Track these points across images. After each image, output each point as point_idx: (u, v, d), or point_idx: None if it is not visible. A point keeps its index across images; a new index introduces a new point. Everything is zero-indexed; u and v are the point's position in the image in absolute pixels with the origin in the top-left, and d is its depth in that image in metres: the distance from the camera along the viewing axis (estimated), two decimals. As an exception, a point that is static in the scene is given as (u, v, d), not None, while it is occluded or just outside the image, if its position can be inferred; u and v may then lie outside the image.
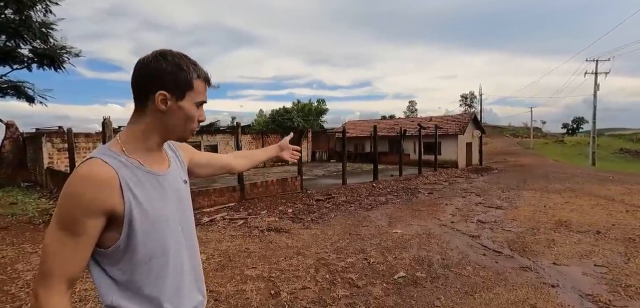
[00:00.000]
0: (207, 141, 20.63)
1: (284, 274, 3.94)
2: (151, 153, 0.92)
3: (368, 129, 25.36)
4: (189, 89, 0.89)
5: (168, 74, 0.85)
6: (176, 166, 1.02)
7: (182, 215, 0.97)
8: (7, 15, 14.99)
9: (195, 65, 0.91)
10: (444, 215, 7.10)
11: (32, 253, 4.56)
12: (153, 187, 0.89)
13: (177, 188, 0.98)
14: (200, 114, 0.94)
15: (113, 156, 0.84)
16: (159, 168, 0.94)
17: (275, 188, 9.78)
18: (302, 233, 5.78)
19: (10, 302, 3.14)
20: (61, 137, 14.54)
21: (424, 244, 5.04)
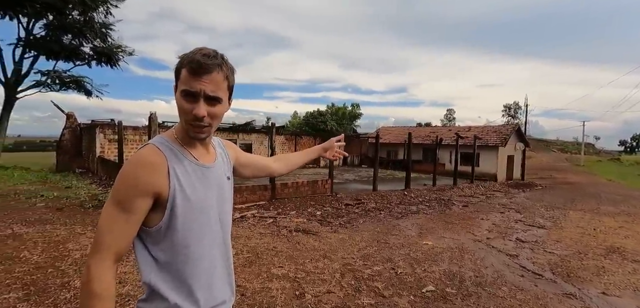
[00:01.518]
0: (242, 139, 21.30)
1: (310, 276, 3.96)
2: (197, 145, 0.97)
3: (402, 135, 24.81)
4: (177, 78, 0.90)
5: (176, 66, 0.91)
6: (222, 162, 1.07)
7: (222, 210, 1.01)
8: (73, 16, 16.55)
9: (189, 55, 0.88)
10: (479, 230, 6.74)
11: (81, 234, 4.97)
12: (198, 177, 0.94)
13: (221, 183, 1.02)
14: (193, 106, 0.87)
15: (166, 144, 0.91)
16: (205, 160, 0.98)
17: (305, 189, 9.86)
18: (329, 236, 5.77)
19: (59, 277, 3.44)
20: (112, 129, 15.76)
21: (455, 259, 4.82)
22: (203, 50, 0.89)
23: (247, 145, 21.61)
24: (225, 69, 0.91)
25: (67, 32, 17.02)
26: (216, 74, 0.88)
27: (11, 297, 2.94)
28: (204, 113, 0.88)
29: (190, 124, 0.90)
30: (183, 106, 0.89)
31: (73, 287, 3.19)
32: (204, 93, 0.87)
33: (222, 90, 0.91)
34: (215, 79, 0.88)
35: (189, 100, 0.87)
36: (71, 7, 15.66)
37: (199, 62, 0.86)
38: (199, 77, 0.86)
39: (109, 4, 16.88)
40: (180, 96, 0.89)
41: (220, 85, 0.90)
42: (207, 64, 0.86)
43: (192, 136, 0.93)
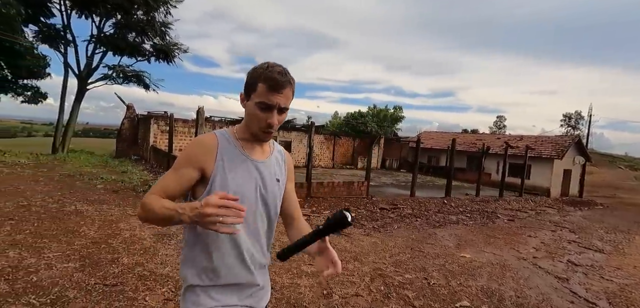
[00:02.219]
0: (282, 137, 21.80)
1: (339, 277, 3.94)
2: (253, 142, 1.13)
3: (445, 141, 23.75)
4: (252, 90, 1.04)
5: (247, 78, 1.07)
6: (275, 164, 1.18)
7: (263, 204, 1.12)
8: (138, 16, 18.13)
9: (266, 70, 1.02)
10: (525, 247, 6.25)
11: (131, 216, 5.42)
12: (243, 169, 1.08)
13: (267, 180, 1.12)
14: (268, 116, 1.02)
15: (223, 134, 1.11)
16: (256, 157, 1.12)
17: (340, 190, 9.84)
18: (361, 239, 5.70)
19: (111, 253, 3.79)
20: (165, 121, 16.98)
21: (495, 276, 4.51)
22: (277, 69, 1.02)
23: (287, 142, 22.06)
24: (293, 84, 1.06)
25: (132, 31, 18.68)
26: (288, 90, 1.04)
27: (69, 266, 3.29)
28: (276, 122, 1.04)
29: (262, 130, 1.06)
30: (258, 115, 1.04)
31: (121, 263, 3.50)
32: (279, 106, 1.03)
33: (290, 102, 1.08)
34: (287, 94, 1.04)
35: (265, 111, 1.02)
36: (136, 7, 17.14)
37: (277, 80, 1.00)
38: (276, 92, 1.01)
39: (169, 4, 18.22)
40: (256, 107, 1.03)
41: (289, 98, 1.06)
42: (283, 81, 1.01)
43: (262, 139, 1.10)
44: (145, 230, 4.69)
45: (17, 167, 9.15)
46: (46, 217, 4.81)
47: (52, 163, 11.17)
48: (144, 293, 2.95)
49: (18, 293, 2.68)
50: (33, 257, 3.40)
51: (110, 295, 2.85)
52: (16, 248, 3.55)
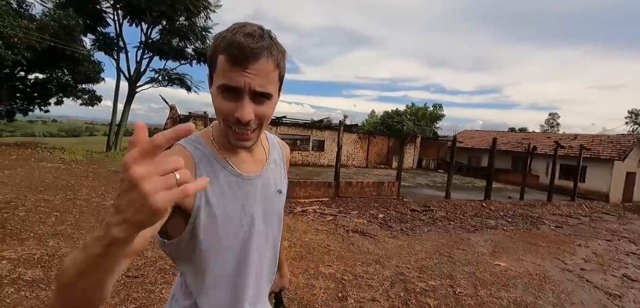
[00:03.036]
0: (315, 136, 21.89)
1: (357, 280, 3.81)
2: (239, 150, 0.78)
3: (487, 140, 22.37)
4: (213, 69, 0.68)
5: (210, 49, 0.70)
6: (274, 168, 0.86)
7: (265, 232, 0.82)
8: (180, 22, 19.29)
9: (228, 35, 0.65)
10: (573, 257, 5.63)
11: (164, 211, 5.70)
12: (233, 191, 0.75)
13: (267, 197, 0.82)
14: (237, 108, 0.66)
15: (196, 145, 0.74)
16: (248, 169, 0.79)
17: (370, 190, 9.62)
18: (387, 241, 5.50)
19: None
20: (203, 121, 17.81)
21: (533, 287, 4.10)
22: (245, 28, 0.65)
23: (320, 141, 22.12)
24: (275, 53, 0.67)
25: (175, 36, 19.91)
26: (265, 62, 0.65)
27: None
28: (250, 116, 0.67)
29: (230, 127, 0.70)
30: (221, 106, 0.68)
31: (144, 256, 3.67)
32: (250, 88, 0.65)
33: (273, 83, 0.69)
34: (263, 68, 0.65)
35: (229, 97, 0.67)
36: (179, 14, 18.25)
37: (241, 45, 0.63)
38: (243, 68, 0.64)
39: (209, 9, 19.17)
40: (218, 92, 0.67)
41: (271, 76, 0.67)
42: (253, 47, 0.63)
43: (233, 144, 0.72)
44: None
45: (73, 164, 10.09)
46: (87, 210, 5.22)
47: (103, 160, 12.18)
48: (162, 286, 3.06)
49: (49, 280, 2.91)
50: (69, 246, 3.68)
51: (130, 286, 2.99)
52: (56, 238, 3.87)
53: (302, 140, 21.75)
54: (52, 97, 18.29)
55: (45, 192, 6.00)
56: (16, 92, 17.31)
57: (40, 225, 4.24)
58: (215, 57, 0.67)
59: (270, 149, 0.88)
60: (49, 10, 15.56)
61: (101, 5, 18.67)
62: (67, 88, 18.22)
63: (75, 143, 26.68)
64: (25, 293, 2.64)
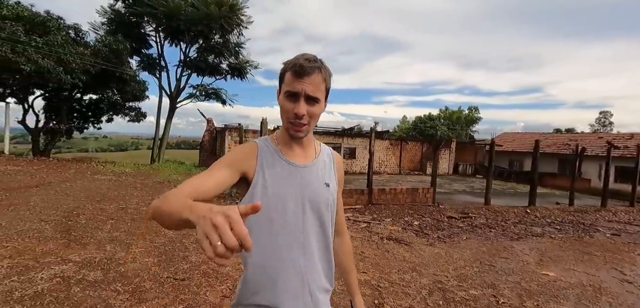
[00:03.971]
0: (346, 143, 21.88)
1: (393, 287, 3.78)
2: (293, 145, 1.05)
3: (529, 143, 21.08)
4: (282, 82, 1.00)
5: (281, 71, 1.01)
6: (323, 167, 1.09)
7: (308, 210, 1.01)
8: (215, 40, 20.34)
9: (293, 60, 0.97)
10: (633, 268, 5.15)
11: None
12: (284, 175, 1.01)
13: (311, 182, 1.03)
14: (295, 106, 0.95)
15: (263, 140, 1.07)
16: (298, 160, 1.05)
17: (404, 197, 9.44)
18: (423, 249, 5.37)
19: (182, 251, 4.25)
20: (237, 132, 18.50)
21: (586, 299, 3.81)
22: (305, 55, 0.98)
23: (351, 149, 22.06)
24: (323, 72, 0.98)
25: (211, 53, 21.01)
26: (316, 76, 0.96)
27: (149, 261, 3.80)
28: (303, 111, 0.96)
29: (290, 122, 0.99)
30: (285, 106, 0.98)
31: (189, 261, 3.90)
32: (305, 93, 0.95)
33: (321, 91, 0.98)
34: (315, 81, 0.96)
35: (291, 100, 0.96)
36: (214, 32, 19.26)
37: (302, 65, 0.94)
38: (301, 78, 0.95)
39: (241, 26, 20.05)
40: (284, 97, 0.98)
41: (319, 87, 0.97)
42: (309, 67, 0.95)
43: (292, 134, 1.00)
44: (213, 232, 5.14)
45: (122, 176, 10.92)
46: (138, 218, 5.63)
47: (149, 172, 13.05)
48: (206, 289, 3.24)
49: (108, 280, 3.19)
50: (123, 251, 4.01)
51: (178, 288, 3.20)
52: (112, 243, 4.23)
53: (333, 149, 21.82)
54: (104, 115, 19.96)
55: (101, 201, 6.57)
56: (74, 112, 19.11)
57: (98, 231, 4.66)
58: (283, 75, 0.99)
59: (320, 152, 1.13)
60: (100, 37, 17.10)
61: (145, 30, 20.20)
62: (116, 106, 19.81)
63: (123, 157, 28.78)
64: (89, 292, 2.92)
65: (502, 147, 23.14)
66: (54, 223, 4.84)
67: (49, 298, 2.77)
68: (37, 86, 16.07)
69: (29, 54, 12.96)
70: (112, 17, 19.05)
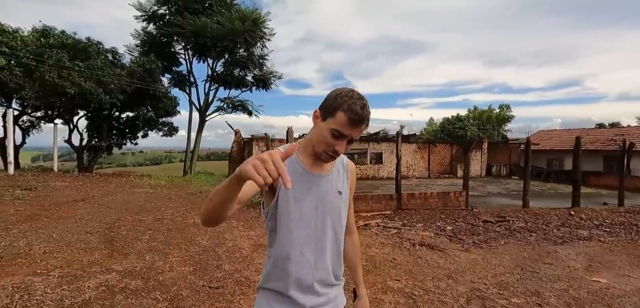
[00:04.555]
0: (372, 148, 21.65)
1: (428, 295, 3.64)
2: (315, 160, 1.13)
3: (569, 140, 19.82)
4: (330, 115, 1.04)
5: (327, 100, 1.07)
6: (337, 177, 1.18)
7: (321, 214, 1.11)
8: (240, 54, 21.00)
9: (350, 102, 1.01)
10: (700, 274, 4.63)
11: (235, 228, 6.13)
12: (302, 182, 1.09)
13: (327, 193, 1.13)
14: (338, 144, 1.03)
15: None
16: (316, 170, 1.13)
17: (434, 201, 9.16)
18: (458, 255, 5.16)
19: (216, 259, 4.35)
20: (265, 142, 18.85)
21: (647, 309, 3.47)
22: (360, 103, 1.02)
23: (378, 154, 21.80)
24: (369, 119, 1.07)
25: (237, 67, 21.70)
26: (364, 126, 1.05)
27: (185, 269, 3.92)
28: (343, 152, 1.06)
29: (327, 154, 1.06)
30: (328, 140, 1.04)
31: (223, 269, 3.98)
32: (351, 138, 1.04)
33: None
34: (362, 130, 1.05)
35: (338, 139, 1.03)
36: (238, 47, 19.91)
37: (359, 115, 1.01)
38: (355, 127, 1.02)
39: (264, 39, 20.59)
40: (330, 132, 1.03)
41: (362, 132, 1.07)
42: (364, 118, 1.02)
43: (323, 160, 1.09)
44: (244, 241, 5.24)
45: (158, 188, 11.43)
46: (173, 228, 5.85)
47: (182, 183, 13.57)
48: (240, 297, 3.29)
49: (148, 289, 3.32)
50: (161, 260, 4.17)
51: (213, 296, 3.27)
52: (151, 253, 4.42)
53: (359, 154, 21.65)
54: (140, 131, 21.10)
55: (139, 213, 6.90)
56: (113, 130, 20.35)
57: (137, 242, 4.88)
58: (335, 110, 1.03)
59: (336, 162, 1.19)
60: (135, 58, 18.18)
61: (175, 48, 21.24)
62: (151, 122, 20.88)
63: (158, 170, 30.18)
64: (131, 301, 3.05)
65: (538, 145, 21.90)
66: (98, 235, 5.14)
67: (96, 306, 2.93)
68: (81, 107, 17.30)
69: (73, 78, 14.00)
70: (145, 38, 20.22)
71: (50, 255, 4.13)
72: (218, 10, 19.49)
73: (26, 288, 3.20)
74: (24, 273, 3.52)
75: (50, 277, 3.47)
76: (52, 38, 15.03)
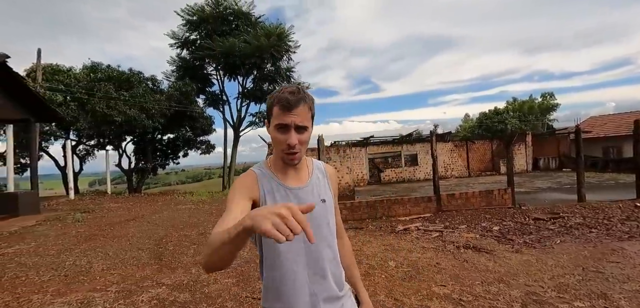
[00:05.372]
0: (406, 150, 21.12)
1: (478, 301, 3.43)
2: (288, 171, 1.12)
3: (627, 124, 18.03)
4: (270, 115, 1.06)
5: (266, 105, 1.09)
6: (317, 184, 1.16)
7: (312, 226, 1.04)
8: (267, 68, 21.63)
9: (279, 94, 1.02)
10: None
11: (274, 238, 6.22)
12: (281, 196, 1.08)
13: (308, 201, 1.08)
14: (287, 137, 1.01)
15: (259, 167, 1.14)
16: (293, 183, 1.11)
17: (477, 201, 8.69)
18: (508, 256, 4.83)
19: (256, 270, 4.40)
20: (297, 152, 19.12)
21: None
22: (288, 88, 1.03)
23: (412, 155, 21.22)
24: (308, 101, 1.05)
25: (265, 81, 22.33)
26: (302, 107, 1.02)
27: (229, 281, 4.02)
28: (295, 141, 1.02)
29: (285, 152, 1.04)
30: (277, 137, 1.04)
31: (265, 280, 4.04)
32: (294, 124, 1.01)
33: (307, 119, 1.05)
34: (301, 112, 1.02)
35: (282, 131, 1.02)
36: (266, 62, 20.54)
37: (288, 100, 1.00)
38: (289, 111, 1.00)
39: (290, 52, 21.08)
40: (274, 129, 1.04)
41: (306, 116, 1.04)
42: (294, 100, 1.00)
43: (287, 162, 1.07)
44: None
45: (200, 204, 11.95)
46: (215, 242, 6.07)
47: (222, 198, 14.08)
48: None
49: (196, 301, 3.44)
50: (205, 274, 4.32)
51: (256, 307, 3.31)
52: (196, 267, 4.60)
53: (393, 157, 21.23)
54: (180, 150, 22.30)
55: (184, 229, 7.24)
56: (156, 151, 21.68)
57: (183, 256, 5.11)
58: (271, 109, 1.04)
59: (313, 170, 1.18)
60: (171, 83, 19.34)
61: (207, 70, 22.36)
62: (190, 142, 22.01)
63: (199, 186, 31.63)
64: (181, 313, 3.18)
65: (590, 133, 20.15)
66: (148, 251, 5.45)
67: (149, 320, 3.08)
68: (127, 133, 18.67)
69: (119, 107, 15.18)
70: (180, 64, 21.49)
71: (108, 272, 4.44)
72: (244, 29, 20.29)
73: (88, 303, 3.45)
74: (86, 290, 3.81)
75: (108, 292, 3.72)
76: (100, 72, 16.45)
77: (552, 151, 21.49)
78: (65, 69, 16.54)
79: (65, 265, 4.69)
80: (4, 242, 6.12)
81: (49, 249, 5.59)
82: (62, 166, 17.51)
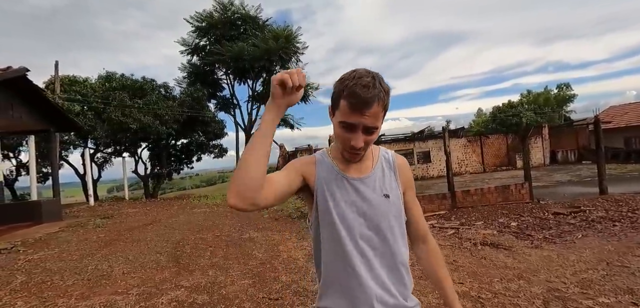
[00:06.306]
0: (419, 148, 20.91)
1: (498, 298, 3.36)
2: (346, 160, 1.01)
3: (650, 113, 17.41)
4: (336, 107, 0.92)
5: (333, 90, 0.94)
6: (381, 178, 1.03)
7: (367, 226, 0.97)
8: (277, 71, 21.80)
9: (350, 84, 0.87)
10: None
11: (288, 240, 6.25)
12: (338, 185, 0.98)
13: (370, 196, 0.99)
14: (352, 137, 0.90)
15: (321, 154, 1.07)
16: (353, 173, 1.01)
17: (493, 196, 8.52)
18: (528, 253, 4.72)
19: (273, 271, 4.46)
20: (308, 153, 19.15)
21: None
22: (363, 81, 0.86)
23: (425, 152, 21.00)
24: (382, 97, 0.88)
25: (274, 84, 22.56)
26: (375, 107, 0.87)
27: (245, 282, 4.07)
28: (361, 144, 0.91)
29: (347, 151, 0.96)
30: (341, 135, 0.93)
31: (281, 281, 4.06)
32: (364, 125, 0.88)
33: (379, 119, 0.91)
34: (374, 112, 0.87)
35: (347, 130, 0.90)
36: (274, 64, 20.72)
37: (360, 98, 0.85)
38: (359, 113, 0.86)
39: (298, 53, 21.20)
40: (339, 126, 0.92)
41: (378, 116, 0.89)
42: (368, 98, 0.85)
43: (347, 159, 0.99)
44: (298, 252, 5.31)
45: (215, 207, 12.12)
46: (231, 244, 6.14)
47: (234, 201, 14.23)
48: (298, 307, 3.32)
49: (214, 303, 3.49)
50: (223, 275, 4.37)
51: (273, 307, 3.34)
52: (213, 269, 4.66)
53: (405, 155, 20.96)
54: (194, 155, 22.66)
55: (200, 232, 7.36)
56: (171, 157, 22.10)
57: (200, 259, 5.19)
58: (338, 100, 0.91)
59: (377, 160, 1.07)
60: (183, 89, 19.69)
61: (217, 75, 22.69)
62: (203, 146, 22.35)
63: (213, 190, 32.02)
64: (200, 315, 3.23)
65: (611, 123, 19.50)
66: (167, 254, 5.56)
67: (169, 321, 3.14)
68: (142, 139, 19.10)
69: (134, 115, 15.54)
70: (191, 70, 21.87)
71: (128, 275, 4.55)
72: (252, 33, 20.51)
73: (111, 306, 3.55)
74: (108, 293, 3.91)
75: (129, 295, 3.82)
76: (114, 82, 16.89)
77: (570, 144, 20.89)
78: (81, 79, 17.06)
79: (88, 270, 4.83)
80: (30, 248, 6.35)
81: (72, 254, 5.77)
82: (82, 174, 18.05)
